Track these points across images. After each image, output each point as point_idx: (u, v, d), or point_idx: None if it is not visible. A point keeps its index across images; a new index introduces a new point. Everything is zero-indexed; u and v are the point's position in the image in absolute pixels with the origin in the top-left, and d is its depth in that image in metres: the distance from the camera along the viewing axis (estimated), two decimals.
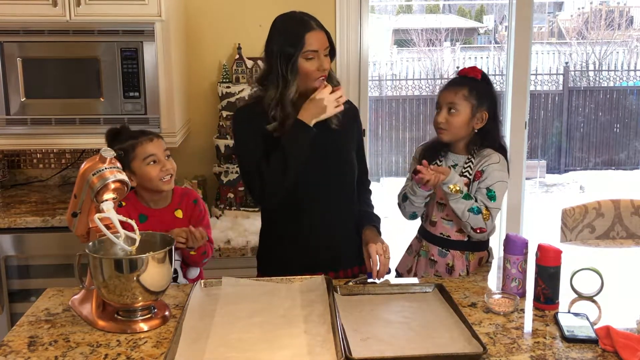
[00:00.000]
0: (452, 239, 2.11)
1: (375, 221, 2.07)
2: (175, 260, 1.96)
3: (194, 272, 2.09)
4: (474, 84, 2.08)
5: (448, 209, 2.07)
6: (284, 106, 1.91)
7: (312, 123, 1.87)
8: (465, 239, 2.10)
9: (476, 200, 2.04)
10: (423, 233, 2.19)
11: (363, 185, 2.17)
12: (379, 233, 2.04)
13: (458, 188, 2.00)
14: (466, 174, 2.07)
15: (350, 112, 2.07)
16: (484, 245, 2.15)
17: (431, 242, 2.15)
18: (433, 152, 2.17)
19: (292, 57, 1.88)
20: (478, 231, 2.04)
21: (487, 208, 2.03)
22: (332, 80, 1.97)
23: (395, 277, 2.26)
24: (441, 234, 2.12)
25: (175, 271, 2.00)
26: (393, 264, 2.33)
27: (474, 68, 2.12)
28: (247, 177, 1.98)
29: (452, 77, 2.19)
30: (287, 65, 1.89)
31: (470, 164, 2.08)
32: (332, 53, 1.95)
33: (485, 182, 2.05)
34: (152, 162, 1.96)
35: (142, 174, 1.95)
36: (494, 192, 2.04)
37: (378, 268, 1.89)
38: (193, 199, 2.08)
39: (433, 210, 2.13)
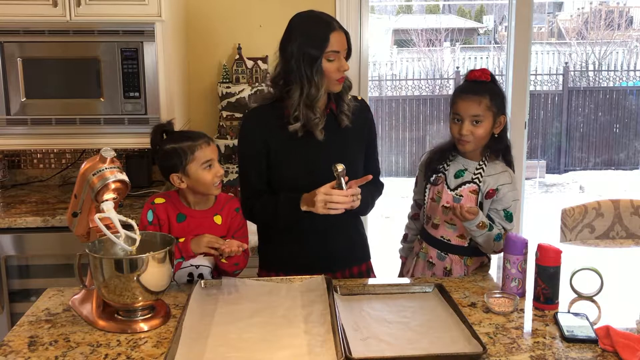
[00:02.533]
0: (452, 244, 2.09)
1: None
2: (204, 266, 1.95)
3: None
4: (492, 91, 2.02)
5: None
6: (313, 108, 1.90)
7: (303, 208, 1.87)
8: (466, 245, 2.09)
9: (493, 221, 2.03)
10: (424, 235, 2.18)
11: (373, 185, 2.08)
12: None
13: (485, 222, 1.98)
14: (476, 180, 2.05)
15: (361, 111, 2.05)
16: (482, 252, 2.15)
17: (431, 244, 2.14)
18: (441, 156, 2.14)
19: (317, 58, 1.86)
20: (499, 251, 2.05)
21: (504, 229, 2.04)
22: (346, 87, 2.00)
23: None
24: (442, 237, 2.11)
25: (202, 276, 1.94)
26: (395, 269, 2.35)
27: (484, 71, 2.05)
28: (240, 181, 2.07)
29: (462, 81, 2.11)
30: (311, 66, 1.87)
31: (481, 170, 2.06)
32: (348, 54, 1.95)
33: (502, 203, 2.04)
34: (208, 167, 1.88)
35: (197, 178, 1.86)
36: (511, 213, 2.05)
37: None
38: (235, 207, 1.98)
39: (437, 213, 2.11)
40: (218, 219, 1.93)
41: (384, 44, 12.05)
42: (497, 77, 2.08)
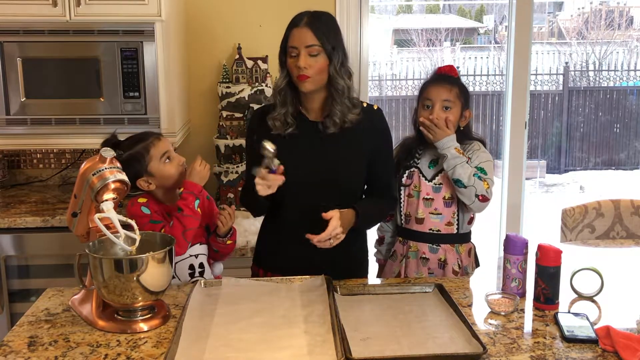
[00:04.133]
0: (442, 233, 2.12)
1: (360, 207, 1.94)
2: (203, 254, 1.97)
3: (218, 269, 2.08)
4: (460, 84, 2.13)
5: (436, 202, 2.10)
6: (275, 97, 1.98)
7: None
8: (454, 232, 2.12)
9: None
10: (408, 234, 2.17)
11: (380, 198, 2.06)
12: (356, 217, 1.92)
13: (460, 149, 2.06)
14: None
15: (367, 120, 1.98)
16: (469, 236, 2.19)
17: (420, 240, 2.14)
18: (407, 152, 2.18)
19: (281, 53, 1.94)
20: (481, 199, 2.04)
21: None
22: (335, 91, 1.91)
23: None
24: (430, 229, 2.12)
25: (202, 265, 1.97)
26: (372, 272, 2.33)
27: (452, 67, 2.16)
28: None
29: (431, 75, 2.20)
30: (279, 60, 1.96)
31: None
32: (333, 54, 1.88)
33: (474, 163, 2.10)
34: (167, 160, 1.92)
35: (162, 174, 1.90)
36: (484, 169, 2.09)
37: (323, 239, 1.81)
38: (206, 195, 2.04)
39: (419, 207, 2.12)
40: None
41: (384, 44, 12.05)
42: (497, 77, 2.14)
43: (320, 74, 1.89)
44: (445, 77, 2.14)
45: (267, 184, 1.81)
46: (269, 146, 1.78)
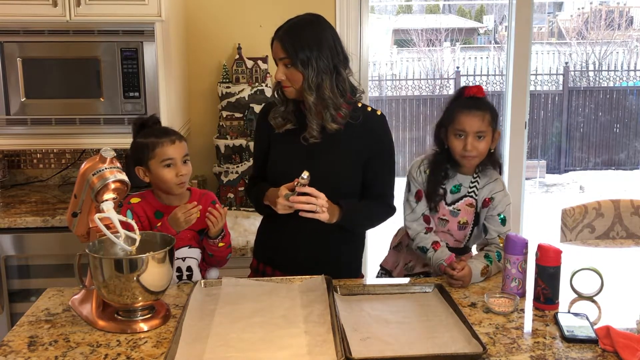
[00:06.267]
0: (450, 246, 2.09)
1: (346, 204, 1.93)
2: (190, 258, 1.97)
3: (213, 275, 2.05)
4: (490, 107, 2.04)
5: (451, 224, 2.08)
6: (273, 94, 2.01)
7: (265, 202, 1.98)
8: (461, 246, 2.13)
9: (487, 230, 2.05)
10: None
11: (376, 202, 2.03)
12: (340, 212, 1.91)
13: (486, 265, 1.96)
14: (472, 194, 2.06)
15: (365, 123, 1.95)
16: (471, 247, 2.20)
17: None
18: (438, 168, 2.09)
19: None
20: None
21: (499, 235, 2.03)
22: (307, 105, 1.91)
23: None
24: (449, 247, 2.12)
25: (190, 269, 1.97)
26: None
27: (479, 87, 2.06)
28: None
29: (455, 96, 2.10)
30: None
31: (475, 184, 2.07)
32: (307, 67, 1.86)
33: (497, 209, 2.05)
34: (168, 165, 1.92)
35: (156, 174, 1.93)
36: (505, 216, 2.06)
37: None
38: (211, 200, 2.02)
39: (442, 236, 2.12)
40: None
41: (384, 44, 12.05)
42: (497, 77, 2.11)
43: (298, 83, 1.89)
44: (476, 102, 2.03)
45: (291, 208, 1.83)
46: (305, 175, 1.79)
